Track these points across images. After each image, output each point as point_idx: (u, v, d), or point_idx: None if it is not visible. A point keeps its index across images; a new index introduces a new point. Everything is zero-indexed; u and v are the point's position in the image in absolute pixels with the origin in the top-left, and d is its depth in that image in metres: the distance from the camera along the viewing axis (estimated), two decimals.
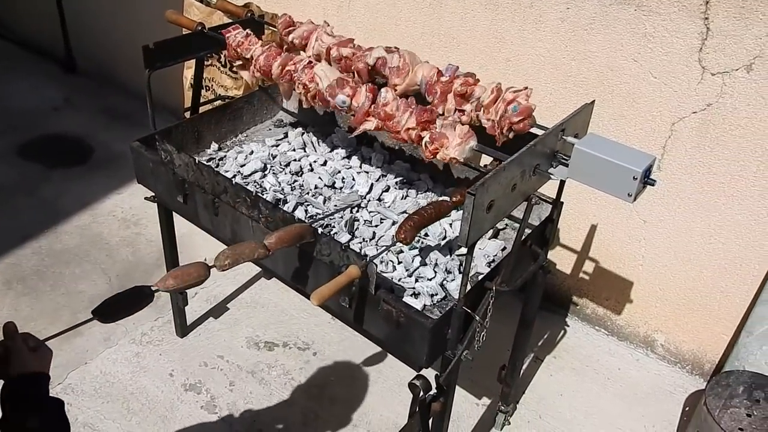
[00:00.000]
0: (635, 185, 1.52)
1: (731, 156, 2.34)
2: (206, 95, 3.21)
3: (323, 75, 1.93)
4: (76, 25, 4.72)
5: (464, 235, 1.41)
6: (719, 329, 2.64)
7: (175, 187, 2.15)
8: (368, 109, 1.83)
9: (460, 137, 1.69)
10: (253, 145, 2.43)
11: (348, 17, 3.10)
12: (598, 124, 2.50)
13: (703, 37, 2.24)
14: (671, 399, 2.69)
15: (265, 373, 2.69)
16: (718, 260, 2.53)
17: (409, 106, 1.78)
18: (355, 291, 1.68)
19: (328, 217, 2.08)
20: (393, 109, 1.79)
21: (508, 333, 2.35)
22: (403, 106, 1.78)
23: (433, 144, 1.71)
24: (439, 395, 1.74)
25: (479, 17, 2.70)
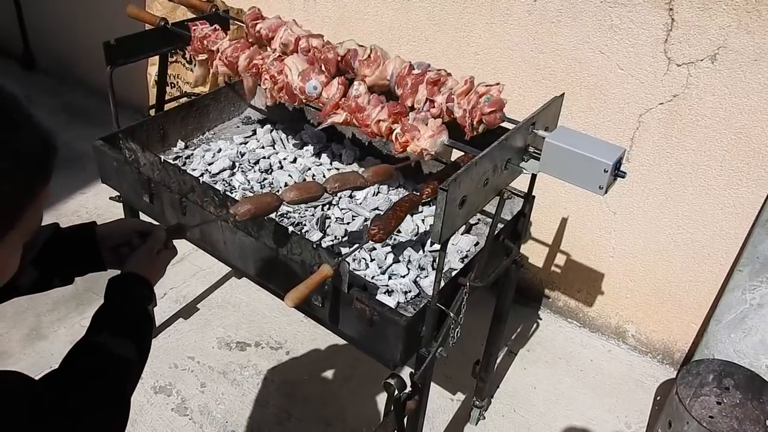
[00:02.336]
0: (606, 177, 1.52)
1: (698, 146, 2.37)
2: (171, 92, 3.15)
3: (293, 66, 1.89)
4: (34, 19, 4.59)
5: (437, 232, 1.39)
6: (689, 318, 2.68)
7: (140, 187, 2.09)
8: (338, 101, 1.80)
9: (432, 130, 1.67)
10: (220, 143, 2.39)
11: (315, 12, 3.06)
12: (567, 117, 2.51)
13: (668, 29, 2.26)
14: (643, 389, 2.73)
15: (237, 373, 2.65)
16: (687, 250, 2.57)
17: (380, 101, 1.76)
18: (327, 290, 1.66)
19: (299, 215, 2.05)
20: (364, 102, 1.76)
21: (481, 327, 2.34)
22: (375, 101, 1.76)
23: (404, 136, 1.69)
24: (414, 393, 1.72)
25: (447, 11, 2.69)
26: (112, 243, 1.34)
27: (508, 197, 1.67)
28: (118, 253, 1.35)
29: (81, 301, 2.88)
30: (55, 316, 2.81)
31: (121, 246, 1.35)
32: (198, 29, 2.13)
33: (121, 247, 1.35)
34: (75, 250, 1.31)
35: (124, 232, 1.36)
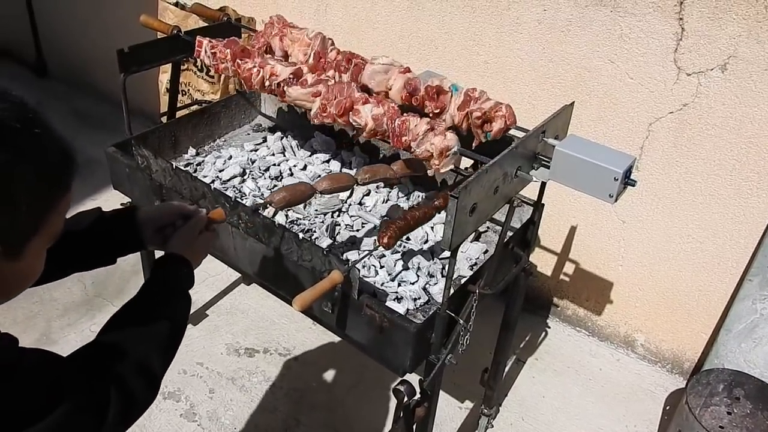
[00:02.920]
0: (616, 186, 1.52)
1: (707, 155, 2.36)
2: (183, 100, 3.17)
3: None
4: (48, 27, 4.64)
5: (447, 239, 1.40)
6: (698, 328, 2.67)
7: (152, 193, 2.11)
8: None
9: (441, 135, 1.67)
10: (231, 150, 2.40)
11: (325, 20, 3.08)
12: (576, 126, 2.51)
13: (678, 38, 2.27)
14: (652, 398, 2.71)
15: (245, 379, 2.66)
16: (696, 259, 2.56)
17: None
18: (337, 296, 1.66)
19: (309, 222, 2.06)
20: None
21: (490, 335, 2.34)
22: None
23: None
24: (423, 400, 1.72)
25: (457, 20, 2.70)
26: (157, 224, 1.42)
27: (517, 205, 1.67)
28: (162, 234, 1.42)
29: (91, 307, 2.90)
30: (65, 322, 2.83)
31: (165, 227, 1.43)
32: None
33: (165, 228, 1.43)
34: (117, 232, 1.40)
35: (168, 214, 1.44)
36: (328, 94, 1.79)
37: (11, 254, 0.89)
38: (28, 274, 0.97)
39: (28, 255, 0.92)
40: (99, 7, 4.14)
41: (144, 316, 1.20)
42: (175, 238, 1.39)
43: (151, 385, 1.14)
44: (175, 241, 1.38)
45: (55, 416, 0.91)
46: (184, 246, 1.37)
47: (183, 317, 1.29)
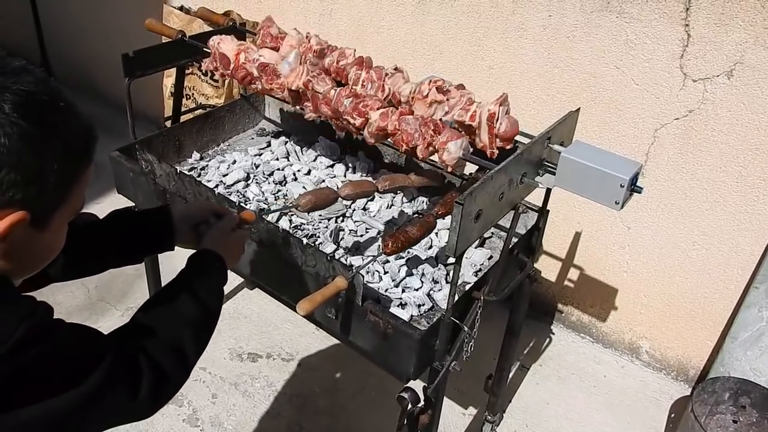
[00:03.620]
0: (622, 193, 1.51)
1: (713, 162, 2.35)
2: (187, 104, 3.17)
3: None
4: (53, 31, 4.65)
5: (452, 245, 1.39)
6: (704, 335, 2.65)
7: (156, 198, 2.11)
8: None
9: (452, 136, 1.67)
10: (235, 155, 2.40)
11: (330, 25, 3.08)
12: (581, 132, 2.49)
13: (684, 44, 2.26)
14: (657, 406, 2.69)
15: (248, 384, 2.65)
16: (702, 266, 2.54)
17: None
18: (341, 302, 1.65)
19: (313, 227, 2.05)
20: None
21: (494, 341, 2.33)
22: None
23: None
24: (426, 408, 1.71)
25: (462, 25, 2.70)
26: (192, 221, 1.47)
27: (522, 211, 1.66)
28: (196, 231, 1.47)
29: (94, 311, 2.89)
30: None
31: (199, 224, 1.47)
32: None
33: (199, 226, 1.47)
34: (153, 229, 1.44)
35: (202, 211, 1.50)
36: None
37: (39, 224, 0.93)
38: (51, 246, 1.01)
39: (53, 226, 0.96)
40: (104, 11, 4.15)
41: (177, 301, 1.23)
42: (209, 234, 1.43)
43: (182, 365, 1.16)
44: (209, 237, 1.42)
45: (91, 382, 0.94)
46: (218, 242, 1.40)
47: (215, 306, 1.31)
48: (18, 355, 0.84)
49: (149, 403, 1.07)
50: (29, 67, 0.91)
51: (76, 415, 0.94)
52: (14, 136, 0.84)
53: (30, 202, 0.89)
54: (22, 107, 0.85)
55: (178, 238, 1.45)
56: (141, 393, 1.04)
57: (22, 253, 0.94)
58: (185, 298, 1.23)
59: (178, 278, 1.29)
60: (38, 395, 0.88)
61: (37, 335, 0.87)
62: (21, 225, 0.89)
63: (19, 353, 0.85)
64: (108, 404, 0.99)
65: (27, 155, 0.86)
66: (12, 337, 0.84)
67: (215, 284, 1.33)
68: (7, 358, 0.83)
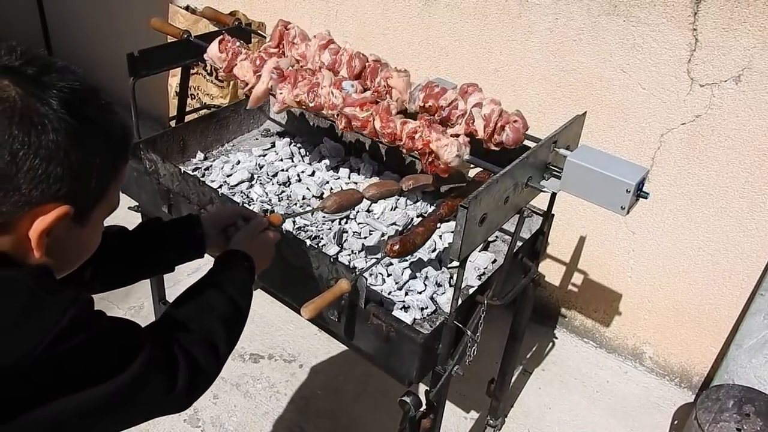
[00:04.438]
0: (629, 198, 1.50)
1: (720, 167, 2.34)
2: (192, 104, 3.17)
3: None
4: (58, 29, 4.66)
5: (456, 249, 1.38)
6: (708, 342, 2.64)
7: (159, 198, 2.10)
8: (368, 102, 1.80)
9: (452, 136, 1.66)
10: (239, 155, 2.40)
11: (336, 27, 3.08)
12: (587, 136, 2.48)
13: (691, 49, 2.24)
14: (660, 412, 2.68)
15: (250, 385, 2.64)
16: (707, 272, 2.53)
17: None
18: (344, 304, 1.65)
19: (316, 228, 2.04)
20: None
21: (496, 345, 2.32)
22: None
23: (429, 135, 1.69)
24: (429, 412, 1.70)
25: (468, 27, 2.69)
26: (221, 225, 1.52)
27: (527, 215, 1.65)
28: (225, 234, 1.51)
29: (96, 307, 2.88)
30: None
31: (228, 228, 1.52)
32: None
33: (228, 229, 1.52)
34: (183, 237, 1.48)
35: (229, 214, 1.55)
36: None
37: (80, 220, 0.95)
38: (89, 243, 1.03)
39: (92, 222, 0.99)
40: (109, 10, 4.15)
41: (208, 297, 1.25)
42: (237, 236, 1.47)
43: (214, 358, 1.17)
44: (237, 238, 1.46)
45: (133, 369, 0.95)
46: (247, 244, 1.43)
47: (244, 303, 1.32)
48: (64, 342, 0.85)
49: (185, 394, 1.08)
50: (71, 67, 0.94)
51: (118, 403, 0.95)
52: (62, 131, 0.87)
53: (74, 197, 0.91)
54: (67, 104, 0.88)
55: (209, 242, 1.49)
56: (178, 383, 1.05)
57: (62, 248, 0.96)
58: (214, 293, 1.26)
59: (206, 276, 1.31)
60: (84, 382, 0.89)
61: (82, 323, 0.89)
62: (65, 219, 0.91)
63: (66, 340, 0.85)
64: (148, 393, 1.00)
65: (73, 150, 0.88)
66: (59, 324, 0.85)
67: (243, 281, 1.35)
68: (54, 345, 0.84)
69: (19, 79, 0.86)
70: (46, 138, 0.86)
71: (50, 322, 0.85)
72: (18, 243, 0.90)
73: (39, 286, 0.88)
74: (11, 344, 0.82)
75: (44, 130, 0.85)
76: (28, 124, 0.85)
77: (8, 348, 0.82)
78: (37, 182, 0.86)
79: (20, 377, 0.82)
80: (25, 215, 0.88)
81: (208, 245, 1.50)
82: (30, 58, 0.89)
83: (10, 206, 0.87)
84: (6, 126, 0.84)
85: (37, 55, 0.91)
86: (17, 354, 0.82)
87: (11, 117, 0.84)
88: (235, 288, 1.30)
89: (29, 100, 0.85)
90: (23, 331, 0.83)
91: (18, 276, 0.88)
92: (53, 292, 0.90)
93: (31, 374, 0.83)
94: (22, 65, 0.88)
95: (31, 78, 0.87)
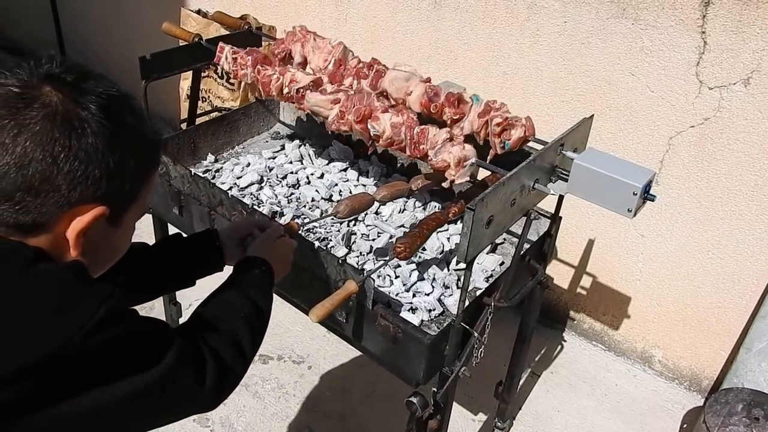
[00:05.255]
0: (635, 201, 1.51)
1: (729, 170, 2.33)
2: (203, 106, 3.20)
3: None
4: (71, 33, 4.71)
5: (463, 251, 1.39)
6: (717, 345, 2.63)
7: (170, 199, 2.13)
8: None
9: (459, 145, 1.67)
10: (249, 157, 2.42)
11: (345, 30, 3.10)
12: (595, 138, 2.49)
13: (700, 51, 2.24)
14: (669, 416, 2.67)
15: (259, 386, 2.66)
16: (716, 275, 2.52)
17: None
18: (351, 306, 1.66)
19: (325, 230, 2.06)
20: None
21: (504, 348, 2.33)
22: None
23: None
24: (435, 413, 1.71)
25: (476, 31, 2.70)
26: (237, 237, 1.55)
27: (534, 218, 1.66)
28: (243, 245, 1.54)
29: None
30: None
31: (245, 239, 1.56)
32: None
33: (245, 240, 1.56)
34: (202, 252, 1.52)
35: (246, 226, 1.59)
36: (348, 102, 1.80)
37: (113, 221, 0.98)
38: (119, 245, 1.07)
39: (124, 224, 1.02)
40: (122, 14, 4.20)
41: (231, 299, 1.28)
42: (253, 244, 1.50)
43: (240, 357, 1.18)
44: (253, 246, 1.49)
45: (165, 363, 0.96)
46: (263, 249, 1.46)
47: (265, 305, 1.34)
48: (101, 334, 0.87)
49: (214, 392, 1.09)
50: (106, 75, 0.98)
51: (150, 396, 0.96)
52: (100, 135, 0.91)
53: (109, 198, 0.95)
54: (105, 109, 0.92)
55: (227, 254, 1.52)
56: (207, 380, 1.07)
57: (95, 248, 0.99)
58: (237, 296, 1.29)
59: (228, 281, 1.34)
60: (117, 374, 0.90)
61: (117, 316, 0.90)
62: (101, 220, 0.95)
63: (102, 332, 0.87)
64: (178, 388, 1.02)
65: (110, 153, 0.92)
66: (95, 316, 0.87)
67: (262, 285, 1.37)
68: (91, 336, 0.86)
69: (60, 85, 0.90)
70: (85, 141, 0.89)
71: (87, 313, 0.87)
72: (55, 242, 0.94)
73: (76, 279, 0.91)
74: (50, 335, 0.84)
75: (84, 133, 0.89)
76: (69, 128, 0.88)
77: (47, 339, 0.83)
78: (76, 183, 0.90)
79: (58, 368, 0.84)
80: (63, 215, 0.92)
81: (226, 257, 1.53)
82: (69, 66, 0.94)
83: (50, 206, 0.90)
84: (48, 129, 0.87)
85: (75, 63, 0.96)
86: (56, 345, 0.83)
87: (53, 121, 0.88)
88: (256, 291, 1.33)
89: (70, 104, 0.89)
90: (62, 322, 0.85)
91: (56, 269, 0.91)
92: (89, 285, 0.93)
93: (68, 365, 0.84)
94: (62, 72, 0.92)
95: (71, 84, 0.91)
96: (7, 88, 0.89)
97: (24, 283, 0.87)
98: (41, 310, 0.86)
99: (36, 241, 0.92)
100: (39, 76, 0.91)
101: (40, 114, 0.87)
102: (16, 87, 0.89)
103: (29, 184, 0.88)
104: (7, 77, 0.90)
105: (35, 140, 0.87)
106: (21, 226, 0.91)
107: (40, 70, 0.92)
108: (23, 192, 0.88)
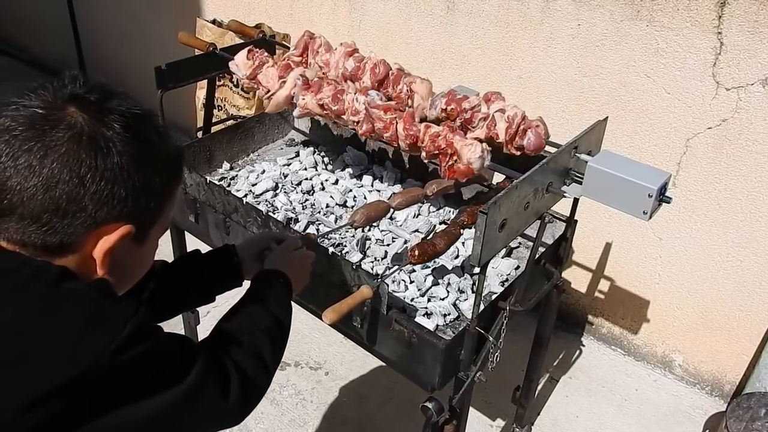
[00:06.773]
0: (651, 203, 1.49)
1: (748, 172, 2.30)
2: (218, 115, 3.23)
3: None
4: (90, 45, 4.78)
5: (477, 255, 1.38)
6: (739, 349, 2.59)
7: (186, 207, 2.14)
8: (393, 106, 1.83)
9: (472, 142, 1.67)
10: (264, 165, 2.43)
11: (359, 37, 3.11)
12: (611, 141, 2.48)
13: (716, 52, 2.22)
14: (690, 421, 2.64)
15: (276, 392, 2.67)
16: (737, 278, 2.49)
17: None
18: (366, 311, 1.66)
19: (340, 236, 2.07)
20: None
21: (522, 353, 2.31)
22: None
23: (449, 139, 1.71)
24: (451, 418, 1.70)
25: (490, 35, 2.70)
26: (255, 251, 1.56)
27: (549, 221, 1.65)
28: (261, 259, 1.54)
29: None
30: None
31: (262, 252, 1.56)
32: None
33: (263, 253, 1.56)
34: (220, 268, 1.53)
35: (262, 240, 1.60)
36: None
37: (139, 238, 0.98)
38: (143, 263, 1.07)
39: (149, 241, 1.03)
40: (139, 25, 4.25)
41: (251, 313, 1.29)
42: (270, 257, 1.51)
43: (263, 371, 1.19)
44: (270, 258, 1.50)
45: (190, 379, 0.97)
46: (279, 262, 1.47)
47: (284, 318, 1.34)
48: (127, 352, 0.87)
49: (239, 406, 1.10)
50: (129, 94, 0.98)
51: (176, 413, 0.96)
52: (125, 154, 0.91)
53: (135, 216, 0.95)
54: (130, 128, 0.92)
55: (245, 269, 1.53)
56: (231, 395, 1.07)
57: (121, 266, 0.99)
58: (257, 309, 1.29)
59: (247, 294, 1.35)
60: (144, 391, 0.91)
61: (143, 333, 0.91)
62: (127, 238, 0.95)
63: (128, 350, 0.87)
64: (204, 404, 1.02)
65: (135, 171, 0.92)
66: (121, 334, 0.87)
67: (280, 297, 1.37)
68: (118, 354, 0.86)
69: (84, 106, 0.91)
70: (111, 160, 0.90)
71: (114, 331, 0.87)
72: (82, 262, 0.94)
73: (102, 296, 0.91)
74: (77, 353, 0.84)
75: (109, 153, 0.90)
76: (95, 148, 0.89)
77: (75, 357, 0.84)
78: (102, 203, 0.90)
79: (86, 387, 0.84)
80: (90, 235, 0.92)
81: (245, 272, 1.53)
82: (92, 86, 0.94)
83: (77, 227, 0.90)
84: (74, 150, 0.88)
85: (98, 83, 0.95)
86: (83, 363, 0.84)
87: (79, 142, 0.88)
88: (275, 303, 1.33)
89: (95, 124, 0.90)
90: (88, 341, 0.86)
91: (82, 288, 0.91)
92: (115, 303, 0.93)
93: (95, 384, 0.85)
94: (86, 93, 0.93)
95: (95, 104, 0.92)
96: (32, 110, 0.89)
97: (51, 303, 0.87)
98: (69, 329, 0.86)
99: (63, 261, 0.92)
100: (63, 97, 0.91)
101: (66, 135, 0.88)
102: (41, 108, 0.89)
103: (56, 205, 0.88)
104: (32, 99, 0.90)
105: (62, 161, 0.87)
106: (48, 247, 0.91)
107: (65, 90, 0.92)
108: (50, 213, 0.88)
